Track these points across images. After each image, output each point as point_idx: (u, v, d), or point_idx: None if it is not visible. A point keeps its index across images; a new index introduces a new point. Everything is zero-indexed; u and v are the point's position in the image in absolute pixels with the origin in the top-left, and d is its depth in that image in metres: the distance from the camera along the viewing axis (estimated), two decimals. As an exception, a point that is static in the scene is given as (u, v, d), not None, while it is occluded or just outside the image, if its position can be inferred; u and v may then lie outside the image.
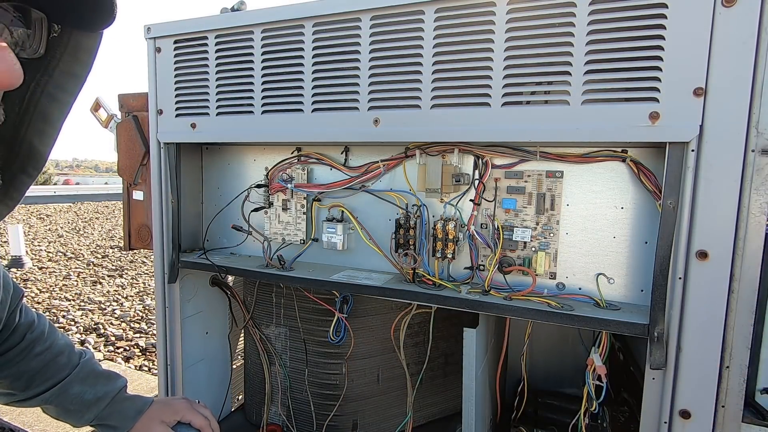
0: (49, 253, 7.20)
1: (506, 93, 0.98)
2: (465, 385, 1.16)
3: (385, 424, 1.51)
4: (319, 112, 1.16)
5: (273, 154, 1.43)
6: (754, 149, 0.82)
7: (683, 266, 0.88)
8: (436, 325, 1.42)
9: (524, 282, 1.14)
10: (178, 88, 1.34)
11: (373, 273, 1.28)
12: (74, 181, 34.15)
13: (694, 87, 0.84)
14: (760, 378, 0.98)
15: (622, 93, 0.89)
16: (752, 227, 0.83)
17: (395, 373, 1.48)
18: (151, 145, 1.41)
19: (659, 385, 0.93)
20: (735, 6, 0.80)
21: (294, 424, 1.52)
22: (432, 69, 1.03)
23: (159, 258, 1.43)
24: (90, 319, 4.23)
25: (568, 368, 1.70)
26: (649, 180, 1.01)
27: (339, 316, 1.33)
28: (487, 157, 1.14)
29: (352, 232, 1.33)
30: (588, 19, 0.90)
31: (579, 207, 1.09)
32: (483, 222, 1.18)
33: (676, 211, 0.88)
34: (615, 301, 1.07)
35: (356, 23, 1.09)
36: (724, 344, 0.86)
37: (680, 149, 0.87)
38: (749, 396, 0.96)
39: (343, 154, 1.32)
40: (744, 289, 0.85)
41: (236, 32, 1.23)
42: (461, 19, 1.00)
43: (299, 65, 1.17)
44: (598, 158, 1.06)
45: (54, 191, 17.11)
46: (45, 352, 0.98)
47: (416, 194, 1.22)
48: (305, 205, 1.37)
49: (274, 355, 1.53)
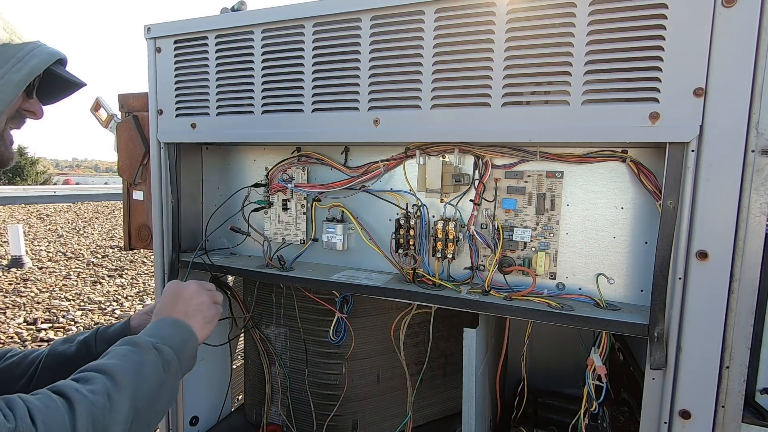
0: (49, 253, 7.20)
1: (506, 93, 0.98)
2: (465, 385, 1.16)
3: (385, 424, 1.51)
4: (319, 112, 1.16)
5: (273, 154, 1.43)
6: (754, 149, 0.82)
7: (683, 266, 0.88)
8: (436, 325, 1.41)
9: (524, 282, 1.14)
10: (178, 88, 1.34)
11: (373, 273, 1.28)
12: (74, 181, 34.18)
13: (694, 87, 0.84)
14: (760, 378, 0.99)
15: (622, 93, 0.89)
16: (752, 227, 0.83)
17: (395, 373, 1.48)
18: (151, 145, 1.41)
19: (659, 385, 0.93)
20: (735, 6, 0.80)
21: (294, 424, 1.52)
22: (432, 69, 1.03)
23: (159, 258, 1.43)
24: (90, 319, 4.23)
25: (568, 368, 1.70)
26: (649, 180, 1.01)
27: (339, 315, 1.33)
28: (487, 157, 1.14)
29: (352, 232, 1.33)
30: (588, 20, 0.90)
31: (579, 207, 1.09)
32: (483, 222, 1.18)
33: (676, 211, 0.88)
34: (615, 301, 1.07)
35: (356, 23, 1.09)
36: (724, 344, 0.86)
37: (680, 149, 0.87)
38: (749, 396, 0.96)
39: (343, 154, 1.32)
40: (744, 289, 0.85)
41: (236, 32, 1.23)
42: (461, 19, 1.00)
43: (299, 65, 1.17)
44: (598, 158, 1.06)
45: (54, 191, 17.10)
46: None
47: (416, 194, 1.22)
48: (305, 205, 1.37)
49: (274, 355, 1.53)
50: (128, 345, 0.84)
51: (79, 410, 0.68)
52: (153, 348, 0.85)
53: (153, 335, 0.89)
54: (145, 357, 0.83)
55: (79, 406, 0.69)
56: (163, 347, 0.86)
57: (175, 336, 0.92)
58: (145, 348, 0.84)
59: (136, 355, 0.82)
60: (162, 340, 0.88)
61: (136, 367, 0.80)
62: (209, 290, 1.05)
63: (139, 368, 0.80)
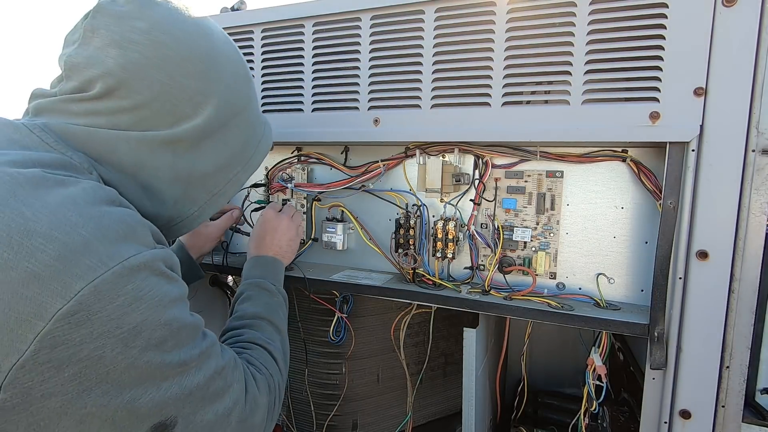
0: (48, 253, 7.19)
1: (506, 93, 0.98)
2: (465, 385, 1.16)
3: (385, 424, 1.51)
4: (319, 112, 1.16)
5: (273, 154, 1.42)
6: (754, 149, 0.82)
7: (683, 266, 0.88)
8: (436, 325, 1.41)
9: (524, 282, 1.14)
10: (178, 88, 1.34)
11: (373, 273, 1.28)
12: (74, 180, 34.04)
13: (695, 87, 0.84)
14: (760, 378, 0.99)
15: (622, 93, 0.89)
16: (752, 227, 0.83)
17: (395, 373, 1.48)
18: (151, 145, 1.41)
19: (659, 385, 0.93)
20: (735, 6, 0.80)
21: (294, 424, 1.52)
22: (432, 69, 1.03)
23: (159, 258, 1.43)
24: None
25: (568, 368, 1.70)
26: (649, 180, 1.01)
27: (339, 315, 1.33)
28: (487, 157, 1.14)
29: (352, 232, 1.33)
30: (588, 19, 0.90)
31: (579, 207, 1.09)
32: (483, 222, 1.18)
33: (677, 211, 0.88)
34: (615, 301, 1.07)
35: (356, 23, 1.09)
36: (724, 344, 0.86)
37: (680, 149, 0.87)
38: (749, 396, 0.96)
39: (343, 154, 1.32)
40: (744, 289, 0.85)
41: (236, 32, 1.23)
42: (461, 18, 1.00)
43: (299, 65, 1.17)
44: (598, 158, 1.06)
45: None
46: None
47: (416, 194, 1.22)
48: (305, 204, 1.37)
49: (274, 355, 1.53)
50: (260, 290, 0.98)
51: (276, 356, 0.86)
52: (278, 293, 1.00)
53: (268, 278, 1.02)
54: (278, 300, 0.98)
55: (275, 353, 0.86)
56: (282, 290, 1.02)
57: (280, 276, 1.06)
58: (273, 293, 0.99)
59: (272, 299, 0.97)
60: (278, 283, 1.03)
61: (280, 313, 0.96)
62: (297, 223, 1.19)
63: (280, 312, 0.96)
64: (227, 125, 0.78)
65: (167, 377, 0.59)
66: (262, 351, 0.84)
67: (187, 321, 0.63)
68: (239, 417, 0.69)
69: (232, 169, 0.82)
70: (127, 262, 0.55)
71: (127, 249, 0.57)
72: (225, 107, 0.76)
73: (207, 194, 0.80)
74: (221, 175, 0.80)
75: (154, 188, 0.72)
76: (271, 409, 0.78)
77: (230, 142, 0.79)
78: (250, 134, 0.85)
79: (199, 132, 0.73)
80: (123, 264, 0.55)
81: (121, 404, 0.55)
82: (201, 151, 0.75)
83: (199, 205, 0.79)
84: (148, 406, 0.57)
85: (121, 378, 0.55)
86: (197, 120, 0.72)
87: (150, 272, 0.58)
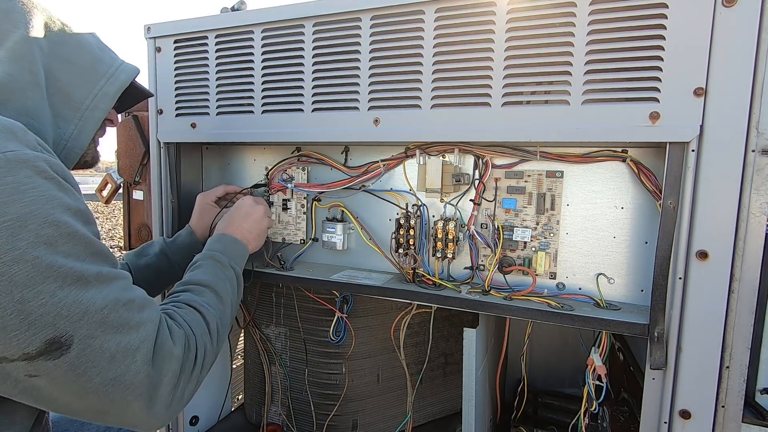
0: (49, 253, 7.18)
1: (506, 93, 0.98)
2: (465, 385, 1.16)
3: (385, 424, 1.51)
4: (319, 112, 1.16)
5: (273, 154, 1.43)
6: (754, 149, 0.82)
7: (683, 266, 0.88)
8: (436, 325, 1.42)
9: (524, 282, 1.14)
10: (178, 88, 1.34)
11: (373, 273, 1.28)
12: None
13: (694, 87, 0.84)
14: (760, 378, 0.99)
15: (622, 93, 0.89)
16: (752, 227, 0.83)
17: (395, 373, 1.48)
18: (151, 145, 1.41)
19: (659, 385, 0.93)
20: (735, 6, 0.80)
21: (294, 424, 1.52)
22: (432, 69, 1.03)
23: (159, 258, 1.43)
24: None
25: (568, 368, 1.70)
26: (649, 180, 1.01)
27: (339, 315, 1.33)
28: (487, 157, 1.14)
29: (352, 232, 1.33)
30: (588, 19, 0.90)
31: (579, 207, 1.09)
32: (483, 222, 1.18)
33: (676, 211, 0.88)
34: (615, 301, 1.07)
35: (356, 23, 1.09)
36: (724, 344, 0.86)
37: (680, 149, 0.87)
38: (749, 396, 0.96)
39: (343, 154, 1.32)
40: (744, 289, 0.85)
41: (236, 32, 1.23)
42: (461, 19, 1.00)
43: (299, 65, 1.17)
44: (598, 158, 1.06)
45: (54, 191, 17.06)
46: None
47: (416, 194, 1.22)
48: (305, 204, 1.37)
49: (274, 354, 1.53)
50: (213, 261, 1.00)
51: (209, 320, 0.86)
52: (230, 266, 1.01)
53: (225, 253, 1.04)
54: (228, 274, 1.00)
55: (209, 317, 0.86)
56: (235, 266, 1.03)
57: (238, 257, 1.08)
58: (225, 266, 1.01)
59: (222, 272, 0.99)
60: (234, 261, 1.04)
61: (227, 285, 0.97)
62: (261, 204, 1.21)
63: (227, 284, 0.97)
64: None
65: (61, 286, 0.59)
66: (192, 311, 0.84)
67: (85, 234, 0.64)
68: (145, 358, 0.67)
69: (96, 84, 0.85)
70: (3, 155, 0.58)
71: (5, 144, 0.60)
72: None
73: (75, 110, 0.83)
74: (82, 90, 0.84)
75: (27, 107, 0.75)
76: (188, 366, 0.75)
77: (73, 59, 0.83)
78: (95, 55, 0.88)
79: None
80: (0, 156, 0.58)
81: (11, 303, 0.55)
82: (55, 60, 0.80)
83: (74, 123, 0.83)
84: (39, 312, 0.57)
85: (10, 271, 0.55)
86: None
87: (34, 171, 0.60)
